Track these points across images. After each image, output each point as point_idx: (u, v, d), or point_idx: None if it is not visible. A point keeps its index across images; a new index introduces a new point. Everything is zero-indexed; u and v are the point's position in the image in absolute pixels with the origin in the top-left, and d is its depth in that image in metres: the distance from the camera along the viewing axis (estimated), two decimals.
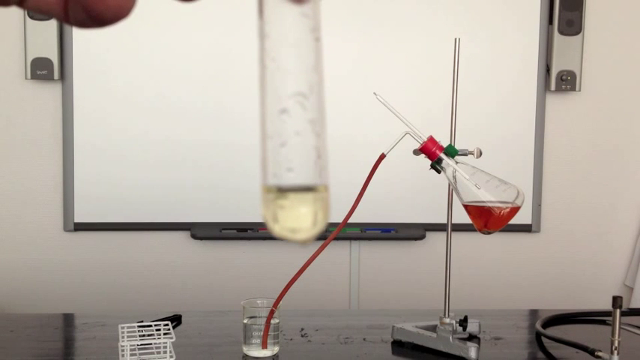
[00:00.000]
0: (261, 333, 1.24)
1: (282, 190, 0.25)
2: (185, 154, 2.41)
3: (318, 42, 0.27)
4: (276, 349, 1.28)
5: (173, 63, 2.39)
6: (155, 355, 1.17)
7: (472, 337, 1.38)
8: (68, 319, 1.59)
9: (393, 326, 1.36)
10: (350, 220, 1.20)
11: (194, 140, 2.41)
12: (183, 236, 2.48)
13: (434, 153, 1.20)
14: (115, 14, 0.27)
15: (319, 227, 0.26)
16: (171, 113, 2.40)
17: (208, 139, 2.40)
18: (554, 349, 1.34)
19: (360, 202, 1.21)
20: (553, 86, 2.47)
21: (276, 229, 0.26)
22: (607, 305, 1.24)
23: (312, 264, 1.20)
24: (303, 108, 0.26)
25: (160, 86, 2.39)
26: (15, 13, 2.36)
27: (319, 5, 0.27)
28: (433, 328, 1.33)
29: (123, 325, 1.22)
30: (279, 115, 0.25)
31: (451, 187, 1.25)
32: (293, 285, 1.21)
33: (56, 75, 2.34)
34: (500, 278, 2.59)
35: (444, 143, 1.21)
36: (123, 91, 2.39)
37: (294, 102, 0.25)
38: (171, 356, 1.17)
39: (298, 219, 0.25)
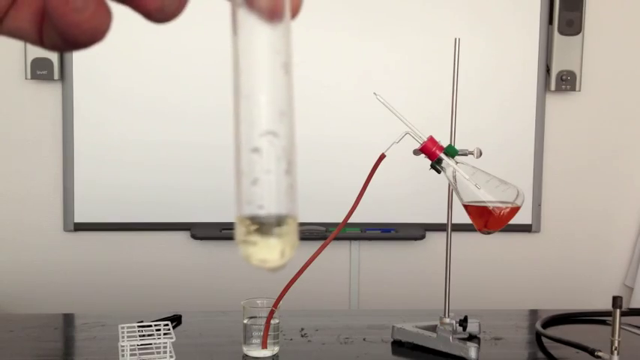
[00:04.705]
0: (261, 333, 1.24)
1: (254, 222, 0.29)
2: (185, 155, 2.41)
3: (288, 75, 0.29)
4: (276, 349, 1.28)
5: (173, 64, 2.39)
6: (155, 355, 1.17)
7: (472, 337, 1.38)
8: (68, 319, 1.59)
9: (393, 326, 1.36)
10: (350, 220, 1.20)
11: (194, 140, 2.41)
12: (183, 236, 2.48)
13: (434, 153, 1.19)
14: (89, 38, 0.28)
15: (287, 258, 0.30)
16: (171, 113, 2.40)
17: (208, 139, 2.40)
18: (554, 349, 1.34)
19: (360, 202, 1.21)
20: (553, 86, 2.47)
21: (249, 257, 0.30)
22: (607, 305, 1.24)
23: (312, 264, 1.20)
24: (273, 145, 0.29)
25: (160, 87, 2.39)
26: None
27: (290, 37, 0.29)
28: (433, 328, 1.33)
29: (123, 325, 1.22)
30: (250, 154, 0.29)
31: (451, 187, 1.25)
32: (293, 285, 1.21)
33: (56, 75, 2.34)
34: (500, 278, 2.59)
35: (444, 143, 1.21)
36: (123, 92, 2.39)
37: (265, 141, 0.28)
38: (171, 356, 1.17)
39: (268, 251, 0.29)
